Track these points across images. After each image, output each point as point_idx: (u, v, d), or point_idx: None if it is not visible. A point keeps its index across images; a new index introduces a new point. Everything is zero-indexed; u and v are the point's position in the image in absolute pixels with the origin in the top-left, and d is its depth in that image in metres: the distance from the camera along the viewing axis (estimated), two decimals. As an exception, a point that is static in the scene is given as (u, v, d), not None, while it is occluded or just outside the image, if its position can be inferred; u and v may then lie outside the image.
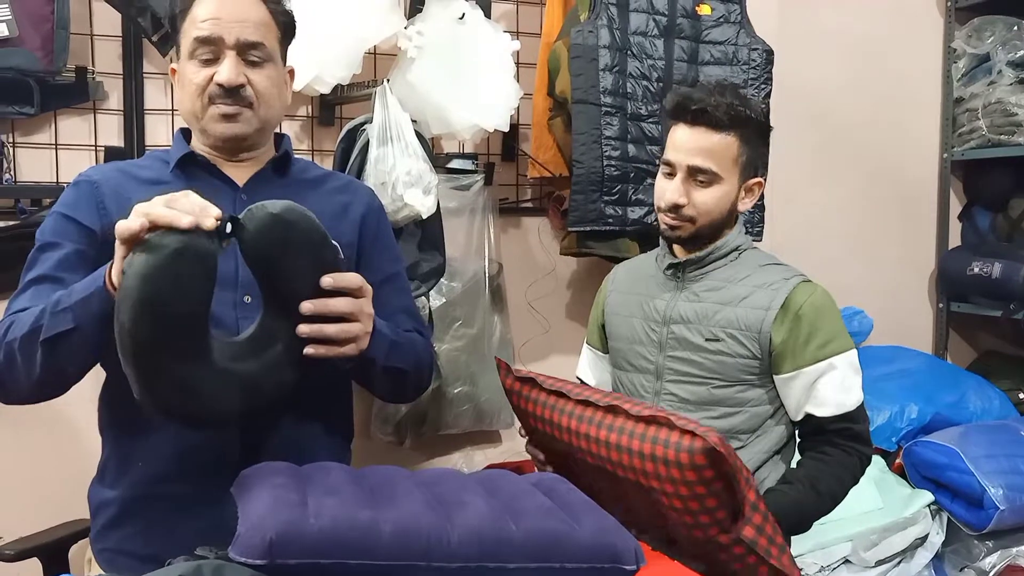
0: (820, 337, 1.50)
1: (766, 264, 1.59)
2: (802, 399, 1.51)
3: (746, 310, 1.52)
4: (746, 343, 1.51)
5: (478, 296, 2.29)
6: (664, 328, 1.57)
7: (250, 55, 1.30)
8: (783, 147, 2.42)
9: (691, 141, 1.51)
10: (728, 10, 2.28)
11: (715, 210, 1.53)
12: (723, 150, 1.51)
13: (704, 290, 1.56)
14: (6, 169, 1.98)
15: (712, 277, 1.57)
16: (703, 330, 1.53)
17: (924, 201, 3.08)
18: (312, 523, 0.88)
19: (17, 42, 1.84)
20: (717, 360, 1.52)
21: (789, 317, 1.50)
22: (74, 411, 1.98)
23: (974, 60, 2.95)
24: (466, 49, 2.10)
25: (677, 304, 1.58)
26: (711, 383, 1.53)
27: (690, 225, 1.53)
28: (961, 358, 3.10)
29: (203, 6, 1.29)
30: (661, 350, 1.57)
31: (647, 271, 1.67)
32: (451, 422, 2.29)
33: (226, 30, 1.28)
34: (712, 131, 1.50)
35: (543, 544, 0.93)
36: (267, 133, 1.37)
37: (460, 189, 2.28)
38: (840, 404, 1.50)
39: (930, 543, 2.34)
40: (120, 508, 1.30)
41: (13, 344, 1.18)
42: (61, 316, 1.14)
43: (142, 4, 1.87)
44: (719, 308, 1.53)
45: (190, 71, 1.29)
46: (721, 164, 1.51)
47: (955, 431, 2.45)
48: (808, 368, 1.49)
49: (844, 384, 1.50)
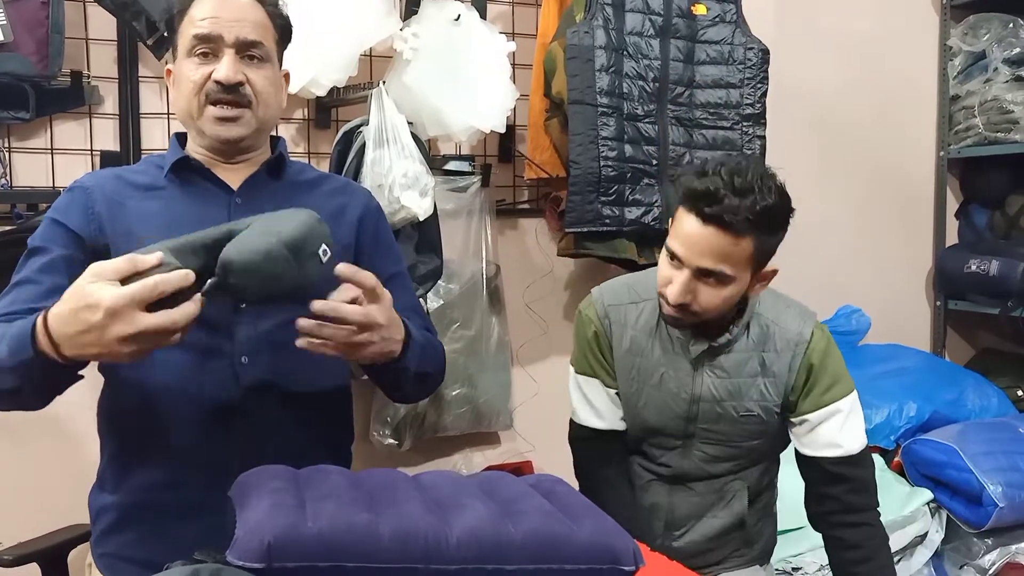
0: (823, 384, 1.51)
1: (780, 310, 1.54)
2: (804, 439, 1.54)
3: (771, 379, 1.52)
4: (775, 409, 1.54)
5: (476, 298, 2.29)
6: (692, 405, 1.54)
7: (249, 53, 1.30)
8: (780, 146, 2.42)
9: (702, 241, 1.35)
10: (723, 9, 2.28)
11: (723, 306, 1.43)
12: (738, 253, 1.36)
13: (730, 365, 1.52)
14: (2, 174, 1.98)
15: (736, 352, 1.52)
16: (737, 406, 1.53)
17: (921, 199, 3.08)
18: (310, 527, 0.88)
19: (12, 47, 1.84)
20: (752, 429, 1.55)
21: (804, 371, 1.51)
22: (73, 417, 1.98)
23: (970, 58, 2.96)
24: (462, 50, 2.10)
25: (703, 379, 1.53)
26: (743, 444, 1.56)
27: (694, 318, 1.45)
28: (959, 356, 3.11)
29: (202, 6, 1.30)
30: (690, 421, 1.56)
31: (649, 325, 1.55)
32: (450, 424, 2.29)
33: (225, 28, 1.28)
34: (727, 234, 1.34)
35: (542, 545, 0.93)
36: (264, 135, 1.37)
37: (457, 191, 2.28)
38: (838, 448, 1.51)
39: (929, 541, 2.34)
40: (119, 513, 1.30)
41: None
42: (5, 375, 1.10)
43: (137, 8, 1.86)
44: (750, 382, 1.52)
45: (187, 69, 1.29)
46: (735, 267, 1.37)
47: (953, 429, 2.46)
48: (812, 415, 1.51)
49: (843, 429, 1.51)
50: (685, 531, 1.61)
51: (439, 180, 2.16)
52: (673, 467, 1.59)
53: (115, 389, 1.32)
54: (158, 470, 1.27)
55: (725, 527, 1.60)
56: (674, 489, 1.60)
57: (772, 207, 1.35)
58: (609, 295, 1.60)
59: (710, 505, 1.60)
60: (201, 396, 1.26)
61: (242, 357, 1.28)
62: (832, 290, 2.81)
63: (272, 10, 1.35)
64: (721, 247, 1.35)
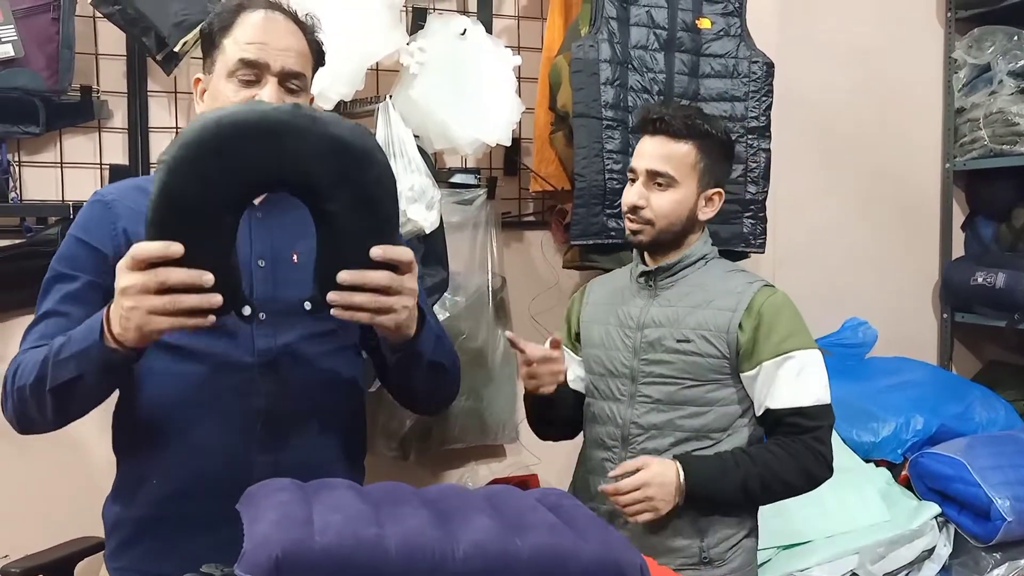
0: (778, 333, 1.57)
1: (731, 271, 1.68)
2: (762, 394, 1.58)
3: (714, 312, 1.59)
4: (715, 343, 1.58)
5: (482, 310, 2.30)
6: (638, 333, 1.63)
7: (290, 84, 1.31)
8: (785, 158, 2.43)
9: (651, 148, 1.62)
10: (728, 23, 2.29)
11: (672, 214, 1.61)
12: (681, 157, 1.61)
13: (675, 295, 1.64)
14: (12, 188, 1.99)
15: (682, 284, 1.65)
16: (675, 332, 1.60)
17: (927, 211, 3.08)
18: (318, 540, 0.88)
19: (23, 62, 1.86)
20: (688, 361, 1.59)
21: (753, 316, 1.58)
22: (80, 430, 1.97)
23: (975, 70, 2.96)
24: (468, 64, 2.11)
25: (650, 310, 1.65)
26: (683, 383, 1.59)
27: (650, 228, 1.61)
28: (966, 369, 3.10)
29: (247, 28, 1.30)
30: (635, 354, 1.63)
31: (621, 283, 1.74)
32: (455, 436, 2.29)
33: (272, 57, 1.28)
34: (670, 139, 1.60)
35: (548, 560, 0.92)
36: None
37: (463, 204, 2.29)
38: (794, 397, 1.56)
39: (937, 555, 2.33)
40: (135, 528, 1.31)
41: (24, 390, 1.20)
42: (63, 365, 1.14)
43: (146, 24, 1.88)
44: (689, 311, 1.61)
45: (227, 90, 1.29)
46: (678, 170, 1.60)
47: (961, 442, 2.44)
48: (767, 363, 1.56)
49: (800, 378, 1.56)
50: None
51: (445, 193, 2.17)
52: (621, 424, 1.62)
53: (131, 403, 1.32)
54: (174, 484, 1.27)
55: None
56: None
57: (708, 120, 1.65)
58: (600, 278, 1.84)
59: None
60: (218, 409, 1.27)
61: (259, 370, 1.28)
62: (838, 302, 2.81)
63: (311, 38, 1.36)
64: (666, 151, 1.60)
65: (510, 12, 2.47)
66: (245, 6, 1.32)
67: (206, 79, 1.35)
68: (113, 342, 1.09)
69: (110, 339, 1.09)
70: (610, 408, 1.65)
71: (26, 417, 1.24)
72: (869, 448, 2.47)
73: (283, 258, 1.33)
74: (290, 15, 1.35)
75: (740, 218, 2.25)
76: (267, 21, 1.31)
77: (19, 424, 1.27)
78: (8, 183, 1.98)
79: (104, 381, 1.17)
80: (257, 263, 1.31)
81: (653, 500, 1.52)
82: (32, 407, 1.21)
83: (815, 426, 1.56)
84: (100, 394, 1.21)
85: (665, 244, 1.64)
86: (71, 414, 1.22)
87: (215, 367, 1.26)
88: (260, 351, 1.28)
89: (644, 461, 1.55)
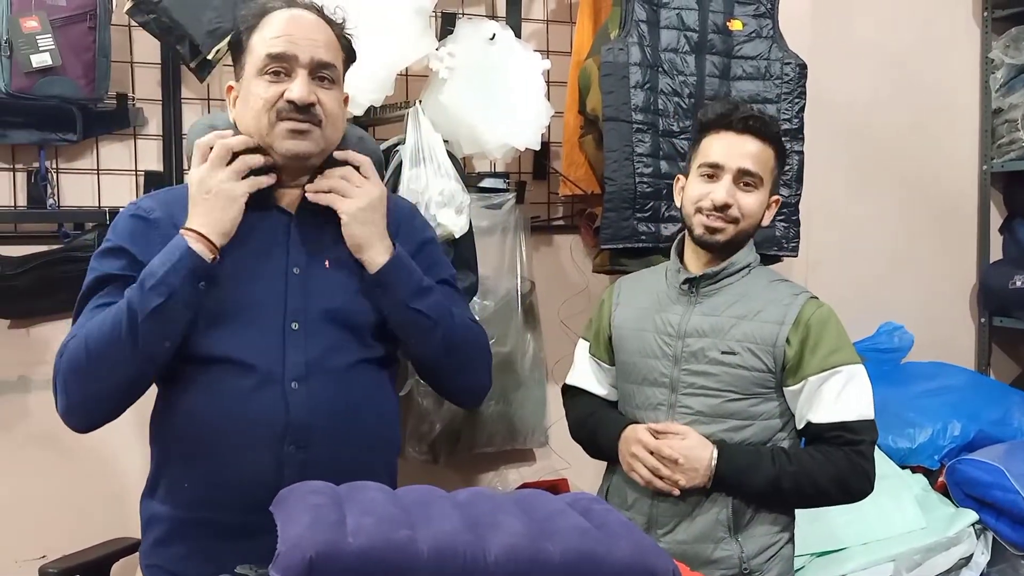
0: (825, 348, 1.54)
1: (775, 280, 1.65)
2: (805, 408, 1.56)
3: (760, 324, 1.56)
4: (761, 356, 1.55)
5: (511, 314, 2.30)
6: (679, 342, 1.59)
7: (321, 74, 1.31)
8: (819, 161, 2.40)
9: (741, 146, 1.57)
10: (760, 25, 2.27)
11: (756, 215, 1.59)
12: (767, 159, 1.59)
13: (718, 304, 1.60)
14: (50, 195, 2.03)
15: (725, 292, 1.60)
16: (719, 343, 1.56)
17: (964, 214, 3.03)
18: (351, 542, 0.88)
19: (60, 71, 1.89)
20: (733, 373, 1.55)
21: (800, 330, 1.55)
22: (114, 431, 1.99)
23: (1012, 70, 2.91)
24: (497, 69, 2.11)
25: (692, 318, 1.60)
26: (726, 395, 1.56)
27: (732, 227, 1.57)
28: (1005, 374, 3.04)
29: (273, 25, 1.30)
30: (676, 363, 1.59)
31: (655, 285, 1.69)
32: (485, 440, 2.28)
33: (300, 48, 1.29)
34: (758, 139, 1.57)
35: (580, 564, 0.92)
36: (326, 155, 1.37)
37: (492, 208, 2.29)
38: (838, 412, 1.53)
39: (975, 563, 2.29)
40: (170, 527, 1.32)
41: (91, 355, 1.22)
42: (151, 295, 1.21)
43: (180, 32, 1.91)
44: (734, 322, 1.57)
45: (259, 87, 1.29)
46: (764, 171, 1.58)
47: (999, 448, 2.40)
48: (813, 377, 1.53)
49: (844, 392, 1.53)
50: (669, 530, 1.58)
51: (474, 197, 2.17)
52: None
53: (167, 407, 1.34)
54: (206, 490, 1.29)
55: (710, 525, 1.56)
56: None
57: (779, 127, 1.67)
58: (629, 277, 1.81)
59: (696, 503, 1.56)
60: (250, 419, 1.27)
61: (292, 382, 1.28)
62: (873, 307, 2.77)
63: (339, 31, 1.36)
64: (755, 150, 1.57)
65: (539, 16, 2.47)
66: (269, 8, 1.33)
67: (238, 86, 1.35)
68: (201, 245, 1.24)
69: (198, 245, 1.23)
70: (645, 417, 1.62)
71: (91, 392, 1.25)
72: (905, 454, 2.44)
73: (316, 266, 1.34)
74: (315, 10, 1.35)
75: (773, 221, 2.22)
76: (292, 16, 1.32)
77: (82, 409, 1.27)
78: (46, 189, 2.01)
79: (191, 299, 1.23)
80: (292, 271, 1.32)
81: (676, 472, 1.53)
82: (111, 369, 1.23)
83: (858, 440, 1.53)
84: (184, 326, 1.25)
85: (734, 246, 1.60)
86: (156, 356, 1.25)
87: (248, 379, 1.27)
88: (291, 361, 1.29)
89: (688, 431, 1.54)
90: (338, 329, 1.32)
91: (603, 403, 1.75)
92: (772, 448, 1.56)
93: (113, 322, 1.22)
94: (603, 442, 1.68)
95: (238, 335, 1.28)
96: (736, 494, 1.55)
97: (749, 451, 1.55)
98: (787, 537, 1.63)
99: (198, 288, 1.24)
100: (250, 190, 1.28)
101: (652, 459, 1.55)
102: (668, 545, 1.55)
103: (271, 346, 1.28)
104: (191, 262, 1.22)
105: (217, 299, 1.28)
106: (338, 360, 1.32)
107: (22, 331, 2.01)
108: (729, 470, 1.53)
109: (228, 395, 1.27)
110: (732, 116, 1.58)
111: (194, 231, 1.25)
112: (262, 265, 1.32)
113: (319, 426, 1.29)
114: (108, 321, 1.22)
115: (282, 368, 1.28)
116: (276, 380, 1.28)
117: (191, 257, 1.22)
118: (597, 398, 1.76)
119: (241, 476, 1.26)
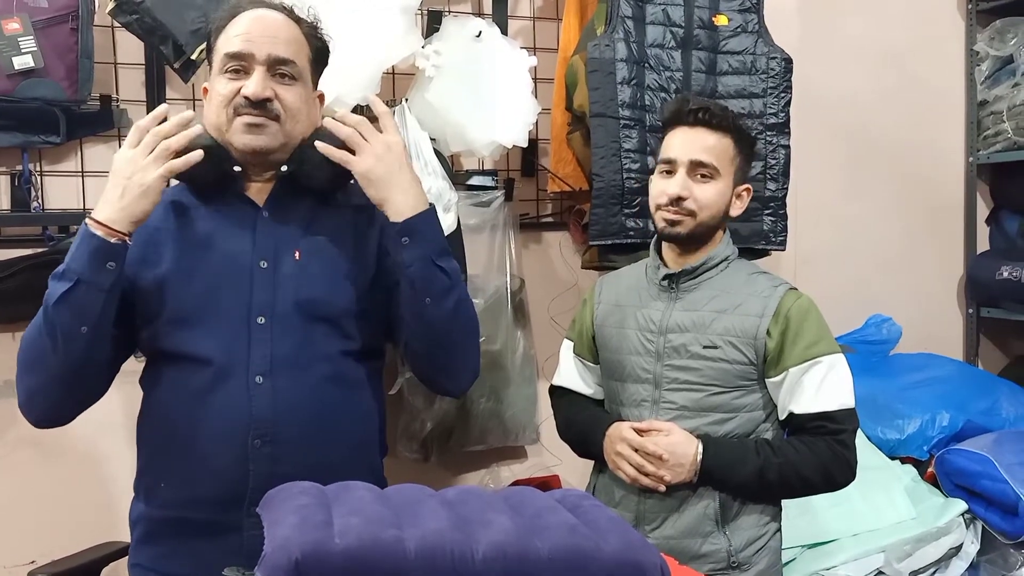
0: (805, 339, 1.56)
1: (754, 273, 1.66)
2: (787, 399, 1.57)
3: (741, 317, 1.57)
4: (743, 349, 1.56)
5: (500, 312, 2.30)
6: (661, 338, 1.61)
7: (279, 71, 1.32)
8: (807, 155, 2.41)
9: (693, 139, 1.59)
10: (745, 20, 2.27)
11: (714, 206, 1.59)
12: (722, 149, 1.60)
13: (698, 299, 1.61)
14: (34, 197, 2.02)
15: (705, 286, 1.62)
16: (701, 338, 1.58)
17: (951, 206, 3.04)
18: (338, 543, 0.88)
19: (43, 73, 1.88)
20: (716, 367, 1.57)
21: (780, 322, 1.56)
22: (104, 434, 2.01)
23: (997, 62, 2.92)
24: (483, 66, 2.11)
25: (672, 313, 1.62)
26: (709, 389, 1.58)
27: (691, 220, 1.59)
28: (992, 364, 3.05)
29: (237, 24, 1.32)
30: (659, 359, 1.61)
31: (635, 282, 1.71)
32: (476, 438, 2.29)
33: (256, 46, 1.30)
34: (711, 131, 1.59)
35: (568, 561, 0.92)
36: (290, 149, 1.36)
37: (480, 206, 2.29)
38: (819, 402, 1.54)
39: (965, 553, 2.30)
40: (150, 526, 1.32)
41: (32, 346, 1.25)
42: (59, 281, 1.22)
43: (164, 32, 1.90)
44: (715, 316, 1.58)
45: (219, 84, 1.32)
46: (720, 162, 1.59)
47: (988, 438, 2.41)
48: (794, 368, 1.55)
49: (825, 383, 1.55)
50: (657, 526, 1.59)
51: (462, 195, 2.18)
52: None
53: (145, 408, 1.35)
54: (180, 488, 1.29)
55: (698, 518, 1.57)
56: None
57: (739, 117, 1.67)
58: (610, 275, 1.81)
59: (683, 498, 1.57)
60: (212, 416, 1.27)
61: (256, 377, 1.28)
62: (862, 299, 2.78)
63: (308, 30, 1.37)
64: (708, 142, 1.59)
65: (525, 13, 2.47)
66: (238, 9, 1.34)
67: (209, 82, 1.37)
68: (101, 231, 1.21)
69: (99, 230, 1.21)
70: (630, 414, 1.63)
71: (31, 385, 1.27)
72: (895, 445, 2.45)
73: (286, 257, 1.33)
74: (284, 9, 1.36)
75: (760, 215, 2.23)
76: (257, 16, 1.33)
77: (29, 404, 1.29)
78: (30, 192, 2.00)
79: (99, 281, 1.21)
80: (259, 264, 1.32)
81: (661, 468, 1.54)
82: (40, 361, 1.24)
83: (839, 429, 1.55)
84: (98, 310, 1.22)
85: (698, 238, 1.61)
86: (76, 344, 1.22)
87: (214, 374, 1.27)
88: (256, 356, 1.28)
89: (672, 427, 1.55)
90: (311, 322, 1.31)
91: (589, 402, 1.76)
92: (756, 440, 1.58)
93: (36, 316, 1.25)
94: (590, 441, 1.68)
95: (201, 332, 1.28)
96: (722, 488, 1.56)
97: (734, 444, 1.56)
98: (775, 529, 1.63)
99: (107, 269, 1.22)
100: (166, 175, 1.25)
101: (637, 456, 1.56)
102: (656, 540, 1.56)
103: (235, 341, 1.27)
104: (91, 244, 1.22)
105: (181, 296, 1.29)
106: (311, 354, 1.30)
107: (7, 336, 2.00)
108: (714, 464, 1.54)
109: (191, 392, 1.28)
110: (683, 111, 1.61)
111: (97, 222, 1.23)
112: (228, 260, 1.32)
113: (285, 421, 1.28)
114: (36, 316, 1.25)
115: (246, 363, 1.27)
116: (239, 375, 1.27)
117: (91, 239, 1.22)
118: (583, 397, 1.77)
119: (209, 473, 1.26)
